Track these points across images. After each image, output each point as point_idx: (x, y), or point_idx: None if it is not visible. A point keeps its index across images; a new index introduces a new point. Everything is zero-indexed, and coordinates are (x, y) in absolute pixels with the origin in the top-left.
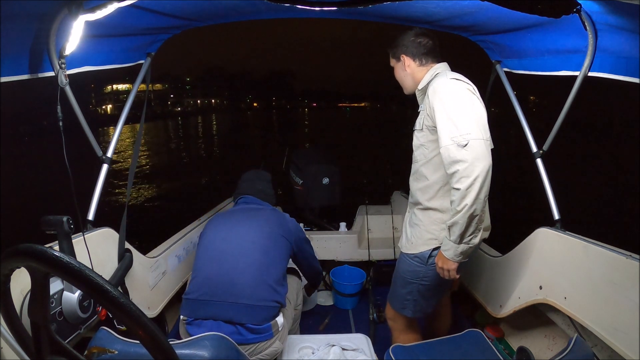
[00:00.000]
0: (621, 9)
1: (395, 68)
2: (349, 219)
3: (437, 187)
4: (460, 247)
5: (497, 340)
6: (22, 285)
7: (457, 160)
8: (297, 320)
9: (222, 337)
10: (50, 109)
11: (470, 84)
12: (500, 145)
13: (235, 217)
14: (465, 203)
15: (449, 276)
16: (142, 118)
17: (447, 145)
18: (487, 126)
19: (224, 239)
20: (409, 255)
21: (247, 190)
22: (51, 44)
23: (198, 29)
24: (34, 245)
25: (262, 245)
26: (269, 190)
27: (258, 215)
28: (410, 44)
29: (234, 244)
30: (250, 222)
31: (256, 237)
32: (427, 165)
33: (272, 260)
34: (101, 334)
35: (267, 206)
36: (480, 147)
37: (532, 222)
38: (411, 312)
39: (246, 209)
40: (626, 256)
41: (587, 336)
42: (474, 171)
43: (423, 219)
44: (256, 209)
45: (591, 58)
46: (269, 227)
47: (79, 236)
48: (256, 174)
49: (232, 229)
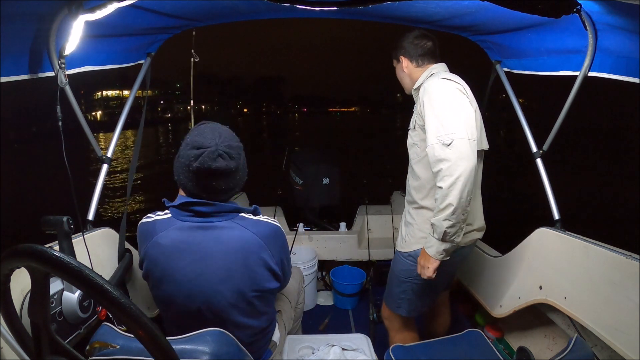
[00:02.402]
0: (621, 9)
1: (396, 69)
2: (349, 219)
3: (429, 186)
4: (444, 244)
5: (497, 340)
6: (22, 285)
7: (441, 159)
8: (299, 319)
9: (222, 333)
10: (43, 112)
11: (461, 84)
12: (500, 146)
13: (186, 248)
14: (447, 201)
15: (428, 275)
16: (142, 118)
17: (432, 144)
18: (474, 126)
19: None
20: (403, 254)
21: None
22: (51, 44)
23: (188, 33)
24: (34, 245)
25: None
26: (240, 177)
27: (221, 241)
28: (409, 45)
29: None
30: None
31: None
32: (419, 164)
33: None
34: (103, 330)
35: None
36: (465, 147)
37: (532, 222)
38: (406, 311)
39: (200, 226)
40: (626, 256)
41: (587, 336)
42: (457, 170)
43: (416, 218)
44: (218, 226)
45: (591, 58)
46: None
47: (79, 236)
48: (214, 155)
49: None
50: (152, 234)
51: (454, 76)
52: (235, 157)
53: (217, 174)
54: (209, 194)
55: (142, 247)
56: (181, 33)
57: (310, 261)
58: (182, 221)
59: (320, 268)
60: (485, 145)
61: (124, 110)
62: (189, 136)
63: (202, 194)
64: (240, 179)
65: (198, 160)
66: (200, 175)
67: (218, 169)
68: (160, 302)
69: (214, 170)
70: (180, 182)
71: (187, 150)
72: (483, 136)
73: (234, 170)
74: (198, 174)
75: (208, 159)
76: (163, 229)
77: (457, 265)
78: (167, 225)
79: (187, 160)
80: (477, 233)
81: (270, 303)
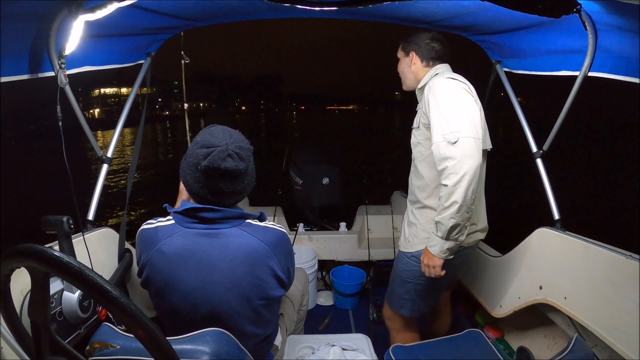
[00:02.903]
0: (621, 9)
1: (401, 61)
2: (349, 219)
3: (434, 186)
4: (447, 243)
5: (497, 340)
6: (22, 285)
7: (446, 157)
8: (302, 322)
9: (223, 333)
10: (38, 112)
11: (466, 83)
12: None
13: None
14: (452, 199)
15: (434, 274)
16: (142, 119)
17: (437, 142)
18: (479, 125)
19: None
20: (406, 255)
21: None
22: (51, 44)
23: (187, 33)
24: (34, 245)
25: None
26: (249, 181)
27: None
28: (424, 45)
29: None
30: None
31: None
32: (423, 163)
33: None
34: (103, 330)
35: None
36: (470, 145)
37: (532, 222)
38: (408, 312)
39: (206, 233)
40: (626, 256)
41: (587, 336)
42: (462, 168)
43: (420, 218)
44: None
45: (591, 58)
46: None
47: (79, 236)
48: (224, 155)
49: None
50: (154, 241)
51: (459, 76)
52: (245, 158)
53: (226, 174)
54: (215, 196)
55: (143, 255)
56: (175, 36)
57: (310, 261)
58: (186, 228)
59: (320, 268)
60: (489, 145)
61: (124, 110)
62: (198, 136)
63: (208, 197)
64: (248, 184)
65: (207, 159)
66: (208, 175)
67: (227, 169)
68: (162, 311)
69: (222, 171)
70: (187, 183)
71: (197, 149)
72: (487, 136)
73: (243, 172)
74: (206, 174)
75: (217, 158)
76: (166, 236)
77: (460, 266)
78: (170, 232)
79: (195, 159)
80: (480, 234)
81: (275, 311)
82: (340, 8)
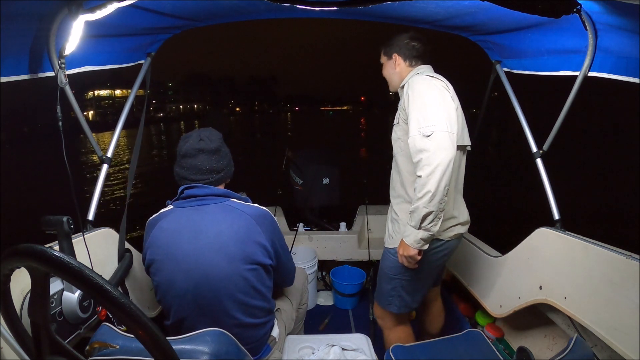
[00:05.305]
0: (621, 9)
1: (385, 65)
2: (349, 219)
3: (413, 179)
4: (420, 233)
5: (497, 340)
6: (22, 285)
7: (421, 149)
8: (302, 320)
9: (222, 333)
10: (38, 112)
11: (444, 81)
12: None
13: (188, 224)
14: (426, 189)
15: (411, 264)
16: (141, 120)
17: (413, 135)
18: (455, 121)
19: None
20: (391, 251)
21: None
22: (51, 44)
23: (183, 34)
24: (34, 245)
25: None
26: (223, 162)
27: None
28: (404, 45)
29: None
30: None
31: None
32: (403, 158)
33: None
34: (103, 330)
35: (224, 199)
36: (444, 139)
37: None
38: (397, 308)
39: (196, 208)
40: (626, 256)
41: (587, 336)
42: (436, 159)
43: (400, 214)
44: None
45: (591, 58)
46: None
47: (79, 236)
48: (197, 139)
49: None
50: (156, 222)
51: (439, 75)
52: (215, 140)
53: (202, 152)
54: (198, 174)
55: (147, 236)
56: (179, 33)
57: (310, 261)
58: (181, 208)
59: (320, 268)
60: (467, 142)
61: (124, 110)
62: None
63: (192, 177)
64: (224, 164)
65: (185, 145)
66: (188, 155)
67: (202, 148)
68: (161, 288)
69: (198, 149)
70: (176, 174)
71: (179, 145)
72: (465, 132)
73: (215, 150)
74: (186, 155)
75: (193, 142)
76: (166, 217)
77: (444, 259)
78: (169, 213)
79: (178, 150)
80: (461, 227)
81: (266, 284)
82: (340, 8)
